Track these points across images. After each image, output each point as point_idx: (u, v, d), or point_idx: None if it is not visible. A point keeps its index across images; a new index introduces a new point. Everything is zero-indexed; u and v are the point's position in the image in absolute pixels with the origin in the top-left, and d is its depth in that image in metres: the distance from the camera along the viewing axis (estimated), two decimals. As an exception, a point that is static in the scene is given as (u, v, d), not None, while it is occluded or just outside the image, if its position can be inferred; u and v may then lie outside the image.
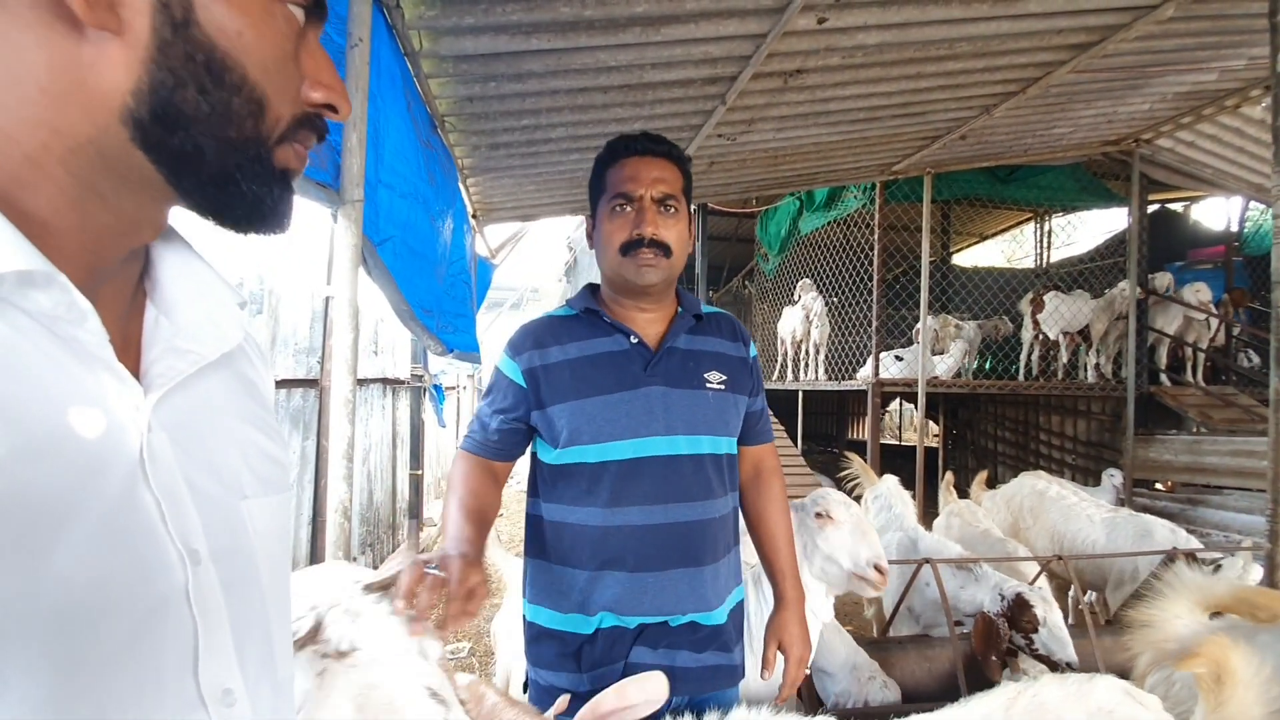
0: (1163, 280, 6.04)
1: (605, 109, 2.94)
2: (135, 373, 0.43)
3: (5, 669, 0.31)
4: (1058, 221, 8.93)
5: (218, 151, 0.41)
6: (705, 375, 1.26)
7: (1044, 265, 8.89)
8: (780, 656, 1.31)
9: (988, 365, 7.57)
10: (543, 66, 2.44)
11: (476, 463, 1.29)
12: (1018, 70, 3.35)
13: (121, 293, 0.45)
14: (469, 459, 1.29)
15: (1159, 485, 5.87)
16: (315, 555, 3.30)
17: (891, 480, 2.83)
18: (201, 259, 0.49)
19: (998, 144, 4.81)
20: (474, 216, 4.08)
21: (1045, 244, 9.02)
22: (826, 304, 6.93)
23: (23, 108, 0.37)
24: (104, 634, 0.36)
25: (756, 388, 1.37)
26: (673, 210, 1.23)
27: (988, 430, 8.27)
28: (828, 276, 6.96)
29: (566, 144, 3.27)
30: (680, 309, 1.32)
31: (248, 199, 0.43)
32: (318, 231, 3.69)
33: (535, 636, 1.28)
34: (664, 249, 1.22)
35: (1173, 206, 8.52)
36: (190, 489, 0.43)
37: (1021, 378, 6.66)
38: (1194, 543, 2.74)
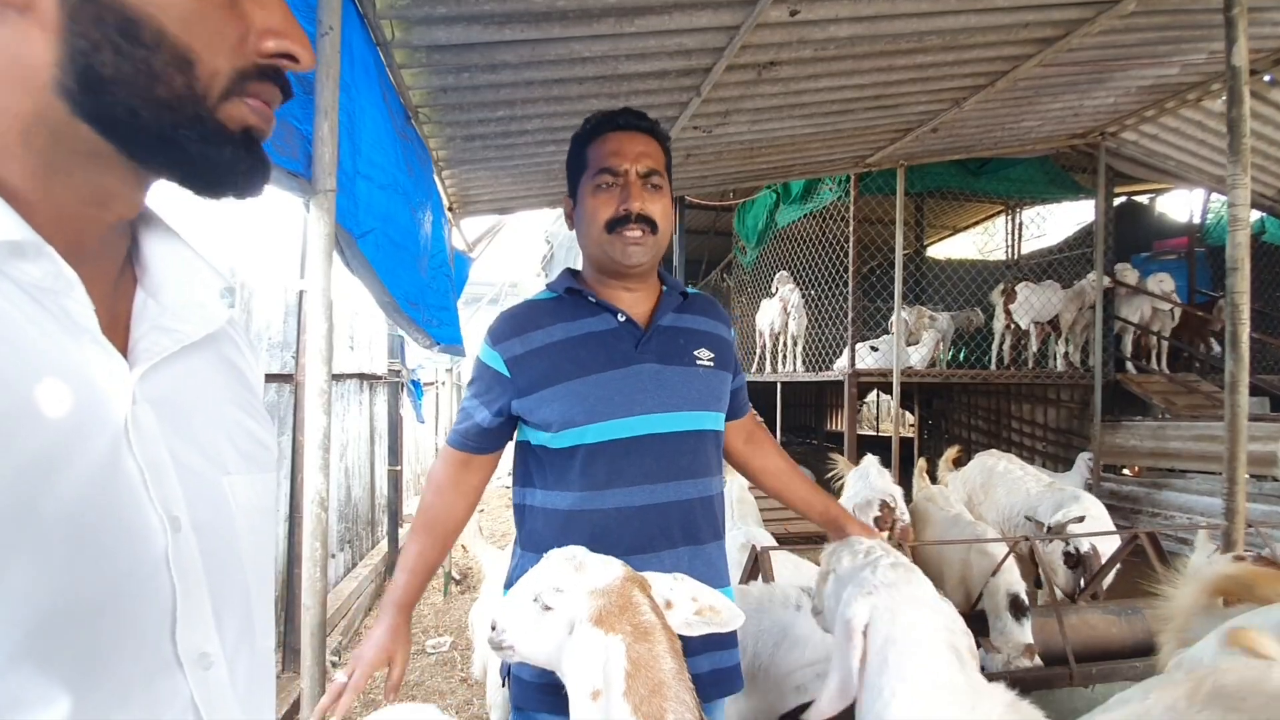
0: (1132, 274, 6.20)
1: (580, 100, 2.93)
2: (123, 351, 0.44)
3: None
4: (1028, 214, 9.11)
5: (151, 113, 0.40)
6: (695, 352, 1.25)
7: (1015, 257, 9.07)
8: None
9: (961, 355, 7.72)
10: (517, 57, 2.43)
11: (455, 465, 1.28)
12: (986, 64, 3.41)
13: (106, 273, 0.45)
14: (451, 459, 1.28)
15: (1126, 470, 6.04)
16: (293, 549, 3.28)
17: (871, 458, 2.93)
18: (187, 244, 0.50)
19: (968, 137, 4.89)
20: (450, 210, 4.06)
21: (1016, 236, 9.20)
22: (804, 296, 7.00)
23: None
24: (86, 590, 0.37)
25: (737, 366, 1.38)
26: (657, 186, 1.21)
27: (961, 419, 8.43)
28: (805, 269, 7.02)
29: (542, 135, 3.26)
30: (665, 288, 1.30)
31: (197, 161, 0.43)
32: (290, 224, 3.65)
33: None
34: (651, 225, 1.19)
35: (1138, 199, 8.73)
36: (173, 460, 0.44)
37: (993, 367, 6.80)
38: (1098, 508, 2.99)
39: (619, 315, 1.23)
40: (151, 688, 0.41)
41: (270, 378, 3.47)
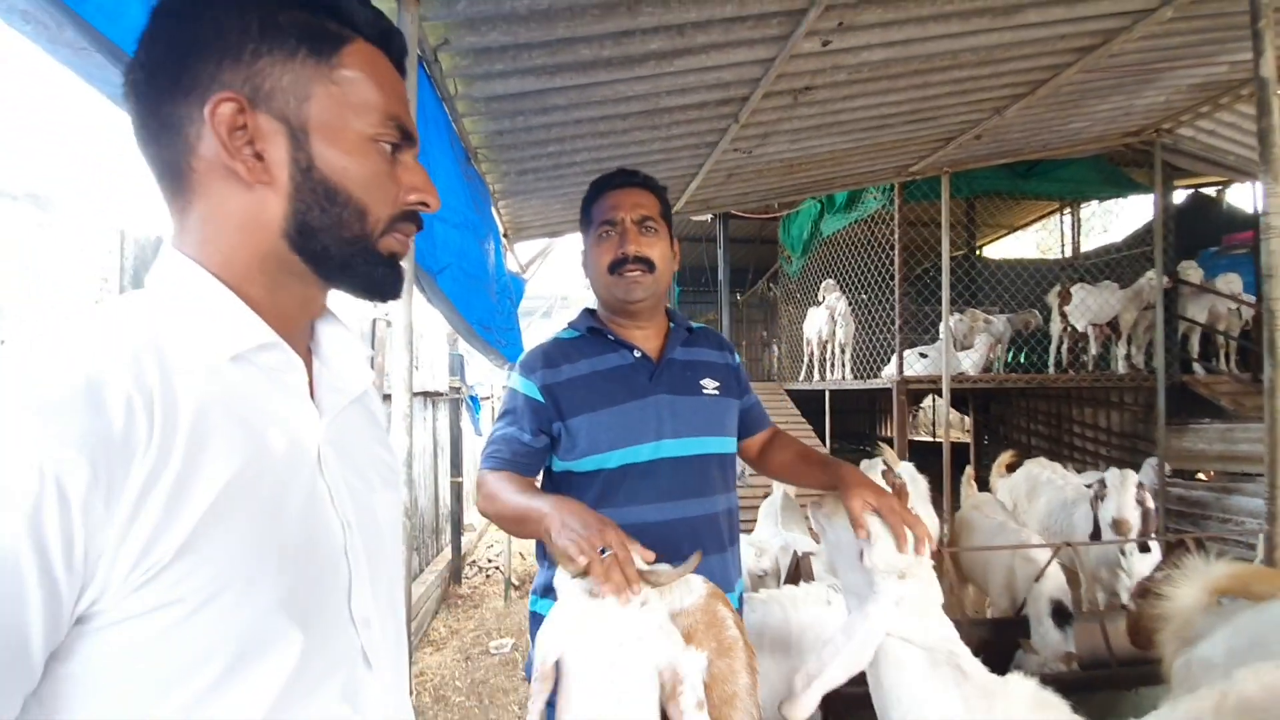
0: (1195, 272, 5.99)
1: (625, 133, 3.13)
2: None
3: (259, 578, 0.52)
4: (1092, 209, 8.85)
5: (338, 248, 0.60)
6: (701, 382, 1.40)
7: (1074, 255, 8.82)
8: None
9: (1022, 358, 7.56)
10: (565, 100, 2.64)
11: (506, 472, 1.32)
12: (1025, 74, 3.44)
13: (302, 351, 0.65)
14: (499, 472, 1.32)
15: (1201, 475, 5.81)
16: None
17: (907, 466, 3.01)
18: (346, 327, 0.69)
19: (1014, 141, 4.86)
20: (505, 235, 4.32)
21: (1075, 234, 8.94)
22: (851, 303, 7.01)
23: (234, 238, 0.58)
24: (305, 568, 0.56)
25: (744, 388, 1.50)
26: (653, 230, 1.36)
27: (1020, 424, 8.23)
28: (852, 276, 7.04)
29: (590, 166, 3.46)
30: (673, 324, 1.45)
31: (362, 277, 0.63)
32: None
33: None
34: (648, 264, 1.35)
35: (1206, 191, 8.37)
36: (344, 482, 0.63)
37: (1051, 370, 6.66)
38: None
39: (635, 351, 1.38)
40: (339, 638, 0.59)
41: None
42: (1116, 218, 9.06)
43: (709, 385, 1.40)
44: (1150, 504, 2.87)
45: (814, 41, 2.61)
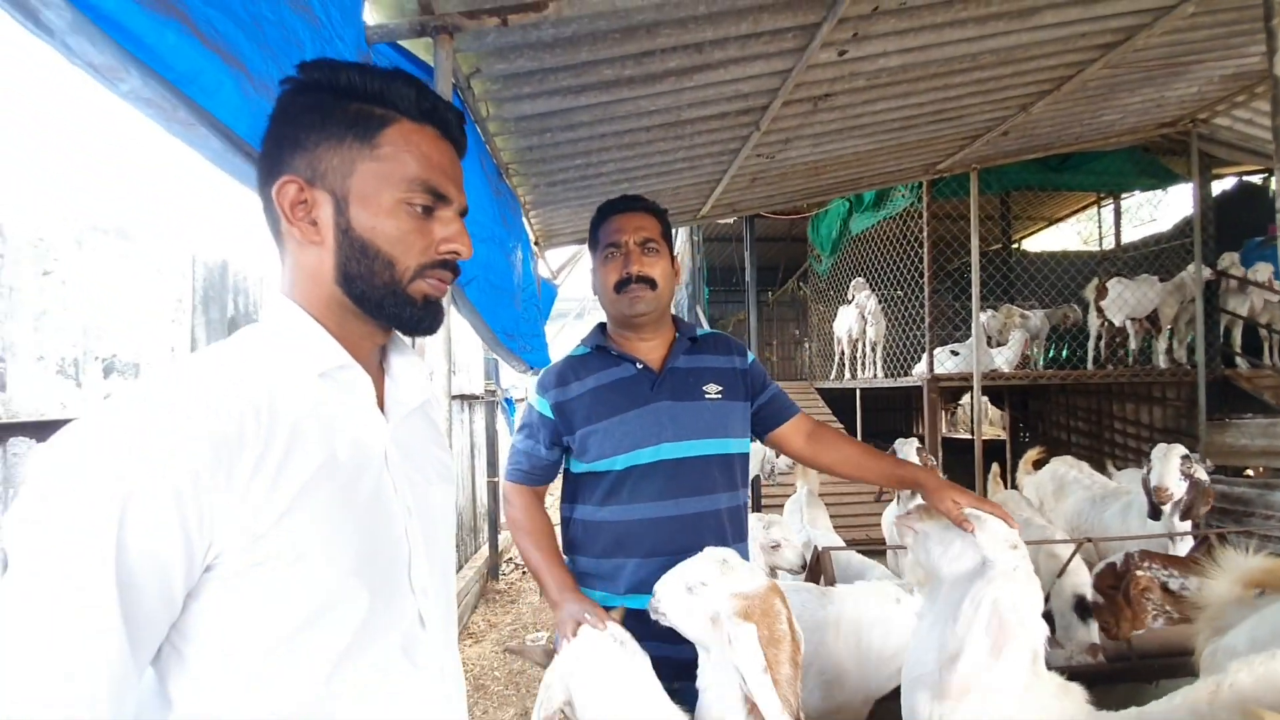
0: (1238, 265, 5.84)
1: (649, 144, 3.24)
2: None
3: (336, 547, 0.65)
4: (1137, 199, 8.63)
5: (372, 292, 0.73)
6: (704, 388, 1.49)
7: (1115, 247, 8.62)
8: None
9: (1063, 354, 7.43)
10: (591, 117, 2.76)
11: (528, 494, 1.53)
12: (1048, 71, 3.44)
13: (373, 371, 0.79)
14: (520, 492, 1.53)
15: (1250, 471, 5.65)
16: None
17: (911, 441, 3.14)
18: (411, 351, 0.83)
19: (1044, 136, 4.82)
20: (536, 244, 4.47)
21: (1116, 224, 8.74)
22: (882, 301, 7.00)
23: (308, 283, 0.73)
24: (373, 543, 0.69)
25: (759, 385, 1.58)
26: (654, 250, 1.47)
27: (1059, 420, 8.09)
28: (882, 274, 7.02)
29: (616, 175, 3.59)
30: (678, 334, 1.55)
31: (393, 316, 0.75)
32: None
33: None
34: (650, 283, 1.46)
35: (1252, 179, 8.10)
36: (406, 476, 0.76)
37: (1089, 366, 6.55)
38: None
39: (637, 364, 1.50)
40: (400, 602, 0.72)
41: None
42: (1157, 207, 8.78)
43: (711, 390, 1.51)
44: (1202, 477, 2.81)
45: (830, 52, 2.69)
